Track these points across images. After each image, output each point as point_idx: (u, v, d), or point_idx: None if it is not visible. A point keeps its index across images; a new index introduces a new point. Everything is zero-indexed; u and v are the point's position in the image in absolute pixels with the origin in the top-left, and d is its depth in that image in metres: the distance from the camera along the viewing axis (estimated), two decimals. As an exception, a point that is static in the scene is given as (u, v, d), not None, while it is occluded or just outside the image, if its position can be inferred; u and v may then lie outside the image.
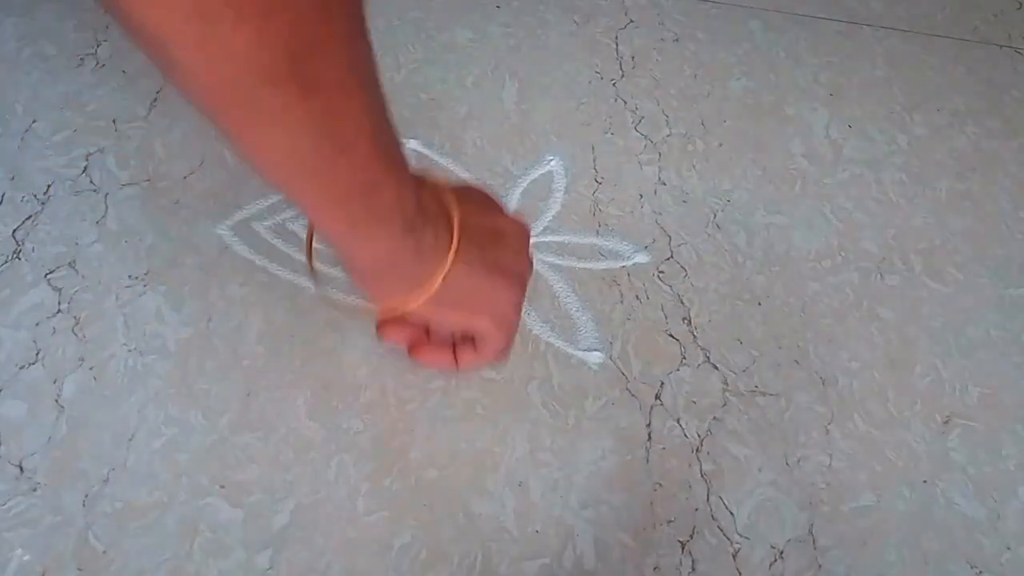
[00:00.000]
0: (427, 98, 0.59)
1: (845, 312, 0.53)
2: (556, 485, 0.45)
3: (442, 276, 0.35)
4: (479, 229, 0.37)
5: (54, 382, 0.45)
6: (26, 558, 0.41)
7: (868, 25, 0.69)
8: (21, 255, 0.49)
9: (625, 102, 0.61)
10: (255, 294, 0.49)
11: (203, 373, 0.47)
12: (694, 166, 0.58)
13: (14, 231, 0.50)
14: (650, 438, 0.47)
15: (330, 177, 0.28)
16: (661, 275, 0.53)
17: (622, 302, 0.52)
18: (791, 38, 0.67)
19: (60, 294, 0.48)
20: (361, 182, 0.30)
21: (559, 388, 0.48)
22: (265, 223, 0.52)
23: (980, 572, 0.45)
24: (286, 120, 0.25)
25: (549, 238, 0.54)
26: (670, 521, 0.45)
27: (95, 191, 0.52)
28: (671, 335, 0.51)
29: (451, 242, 0.35)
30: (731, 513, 0.45)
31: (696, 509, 0.45)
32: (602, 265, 0.53)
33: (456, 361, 0.43)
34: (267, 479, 0.44)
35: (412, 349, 0.44)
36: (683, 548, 0.44)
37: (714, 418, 0.48)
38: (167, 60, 0.23)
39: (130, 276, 0.49)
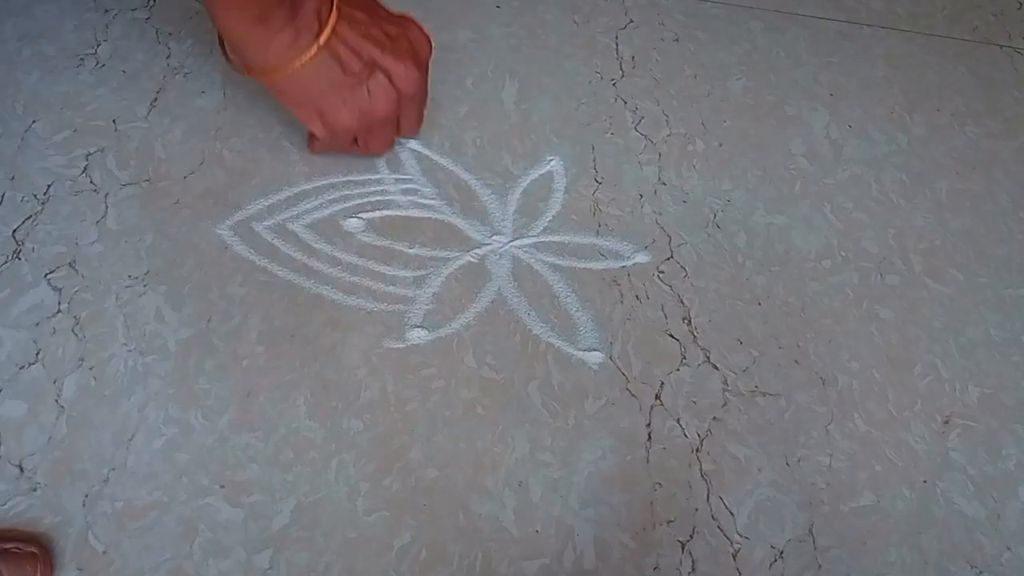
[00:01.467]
0: (427, 98, 0.59)
1: (845, 312, 0.53)
2: (556, 485, 0.45)
3: (295, 66, 0.41)
4: (354, 35, 0.43)
5: (54, 382, 0.45)
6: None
7: (868, 25, 0.69)
8: (21, 255, 0.49)
9: (625, 102, 0.61)
10: (255, 294, 0.49)
11: (203, 373, 0.47)
12: (694, 166, 0.58)
13: (14, 231, 0.50)
14: (650, 438, 0.47)
15: None
16: (661, 275, 0.53)
17: (622, 302, 0.52)
18: (791, 38, 0.67)
19: (60, 294, 0.48)
20: None
21: (559, 388, 0.48)
22: (265, 223, 0.52)
23: (980, 572, 0.45)
24: None
25: (549, 238, 0.54)
26: (670, 521, 0.45)
27: (95, 191, 0.52)
28: (671, 335, 0.51)
29: (317, 37, 0.41)
30: (731, 513, 0.45)
31: (696, 509, 0.45)
32: (602, 265, 0.53)
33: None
34: (267, 479, 0.44)
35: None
36: (683, 548, 0.44)
37: (714, 418, 0.48)
38: None
39: (130, 276, 0.49)
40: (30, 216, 0.51)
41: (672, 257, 0.54)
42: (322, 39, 0.42)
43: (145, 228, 0.51)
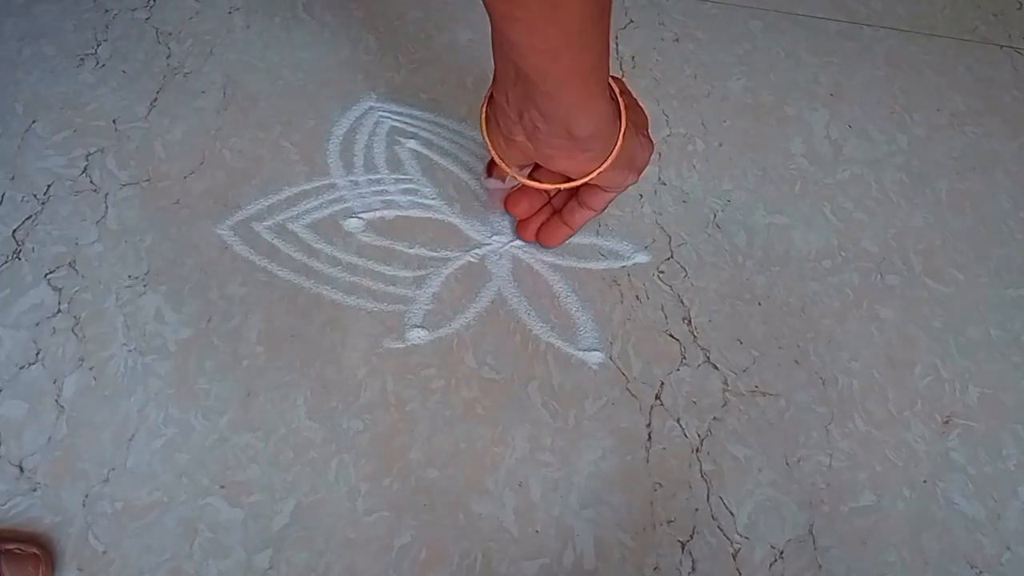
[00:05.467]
0: (427, 98, 0.59)
1: (845, 312, 0.53)
2: (556, 485, 0.45)
3: (620, 139, 0.42)
4: (626, 98, 0.44)
5: (54, 382, 0.46)
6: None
7: (868, 25, 0.69)
8: (21, 255, 0.50)
9: (625, 102, 0.61)
10: (255, 294, 0.49)
11: (203, 373, 0.47)
12: (694, 166, 0.58)
13: (14, 231, 0.50)
14: (650, 438, 0.47)
15: (583, 53, 0.35)
16: (661, 275, 0.53)
17: (622, 302, 0.52)
18: (791, 38, 0.67)
19: (60, 294, 0.48)
20: (599, 56, 0.37)
21: (559, 388, 0.48)
22: (265, 223, 0.52)
23: (980, 572, 0.45)
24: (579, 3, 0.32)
25: (549, 238, 0.54)
26: (670, 521, 0.45)
27: (95, 191, 0.52)
28: (671, 335, 0.51)
29: (620, 110, 0.42)
30: (731, 513, 0.45)
31: (696, 509, 0.45)
32: (602, 265, 0.53)
33: (571, 227, 0.50)
34: (267, 479, 0.44)
35: (540, 228, 0.51)
36: (683, 548, 0.44)
37: (714, 418, 0.48)
38: None
39: (130, 276, 0.49)
40: (30, 216, 0.51)
41: (672, 257, 0.54)
42: (619, 99, 0.43)
43: (145, 228, 0.51)
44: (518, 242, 0.53)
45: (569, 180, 0.45)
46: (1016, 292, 0.55)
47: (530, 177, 0.47)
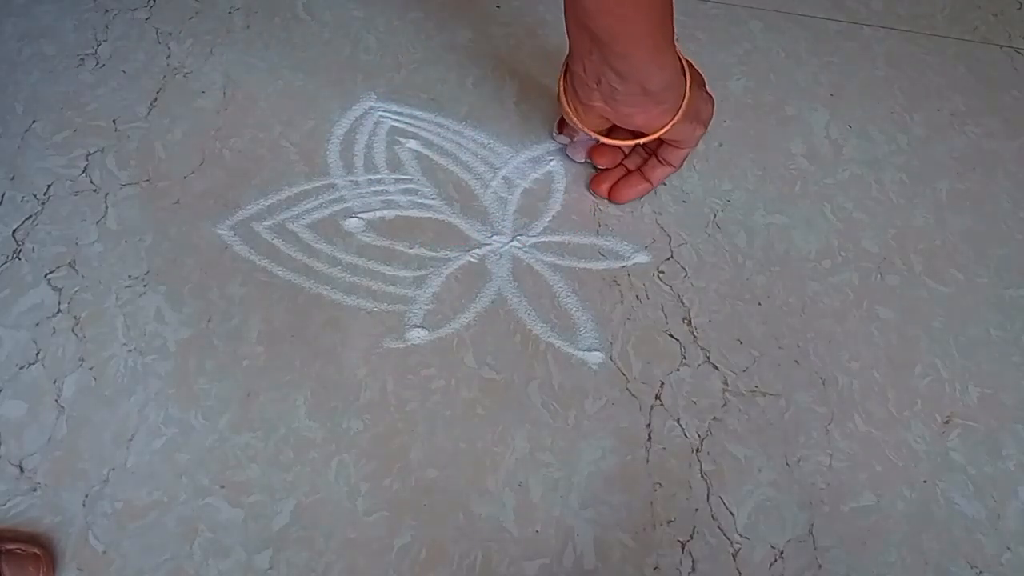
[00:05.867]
0: (427, 98, 0.59)
1: (845, 312, 0.53)
2: (556, 485, 0.45)
3: (688, 91, 0.46)
4: (687, 60, 0.47)
5: (54, 382, 0.46)
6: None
7: (868, 25, 0.69)
8: (21, 255, 0.50)
9: (625, 102, 0.61)
10: (255, 294, 0.49)
11: (203, 373, 0.47)
12: (694, 166, 0.58)
13: (14, 231, 0.50)
14: (650, 438, 0.47)
15: (651, 10, 0.40)
16: (661, 275, 0.53)
17: (622, 302, 0.52)
18: (791, 38, 0.67)
19: (60, 294, 0.48)
20: (665, 12, 0.41)
21: (559, 388, 0.48)
22: (265, 223, 0.52)
23: (980, 572, 0.45)
24: None
25: (549, 238, 0.54)
26: (670, 521, 0.45)
27: (95, 191, 0.52)
28: (671, 335, 0.51)
29: (684, 67, 0.46)
30: (731, 513, 0.45)
31: (696, 509, 0.45)
32: (602, 265, 0.53)
33: (651, 182, 0.54)
34: (267, 479, 0.44)
35: (616, 184, 0.54)
36: (683, 548, 0.44)
37: (714, 418, 0.48)
38: None
39: (130, 276, 0.49)
40: (30, 216, 0.51)
41: (672, 257, 0.54)
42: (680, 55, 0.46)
43: (145, 228, 0.51)
44: (518, 242, 0.53)
45: (642, 137, 0.49)
46: (1016, 292, 0.55)
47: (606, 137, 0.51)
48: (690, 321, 0.51)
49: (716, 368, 0.50)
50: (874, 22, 0.69)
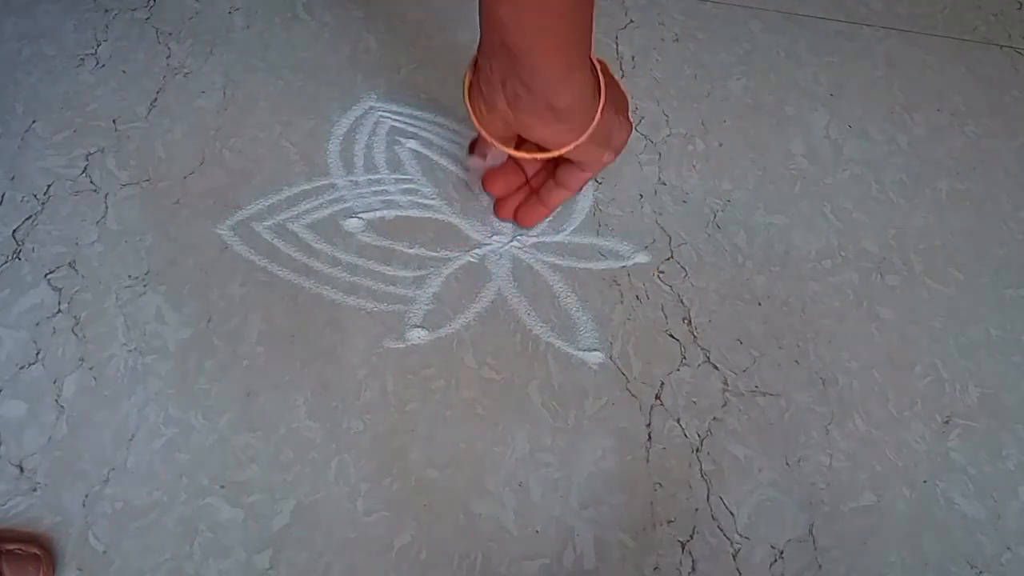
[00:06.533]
0: (427, 98, 0.59)
1: (845, 312, 0.53)
2: (556, 485, 0.45)
3: (599, 115, 0.43)
4: (607, 77, 0.44)
5: (54, 382, 0.46)
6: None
7: (868, 25, 0.69)
8: (21, 255, 0.50)
9: (625, 102, 0.61)
10: (255, 294, 0.49)
11: (203, 373, 0.47)
12: (694, 166, 0.58)
13: (14, 231, 0.50)
14: (650, 438, 0.47)
15: (567, 28, 0.37)
16: (661, 275, 0.53)
17: (622, 302, 0.52)
18: (791, 38, 0.67)
19: (60, 294, 0.48)
20: (582, 32, 0.39)
21: (559, 388, 0.48)
22: (265, 223, 0.52)
23: (980, 572, 0.45)
24: None
25: (549, 238, 0.54)
26: (670, 521, 0.45)
27: (95, 191, 0.52)
28: (671, 335, 0.51)
29: (601, 87, 0.43)
30: (731, 513, 0.45)
31: (696, 509, 0.45)
32: (602, 265, 0.53)
33: (547, 206, 0.51)
34: (267, 479, 0.44)
35: (518, 207, 0.52)
36: (683, 548, 0.44)
37: (714, 418, 0.48)
38: None
39: (130, 276, 0.49)
40: (30, 216, 0.51)
41: (672, 257, 0.54)
42: (600, 77, 0.43)
43: (145, 228, 0.51)
44: (518, 242, 0.53)
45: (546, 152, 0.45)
46: (1016, 292, 0.55)
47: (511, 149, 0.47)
48: (690, 321, 0.51)
49: (716, 368, 0.50)
50: (874, 22, 0.69)
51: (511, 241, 0.53)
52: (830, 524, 0.46)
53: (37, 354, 0.46)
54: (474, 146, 0.52)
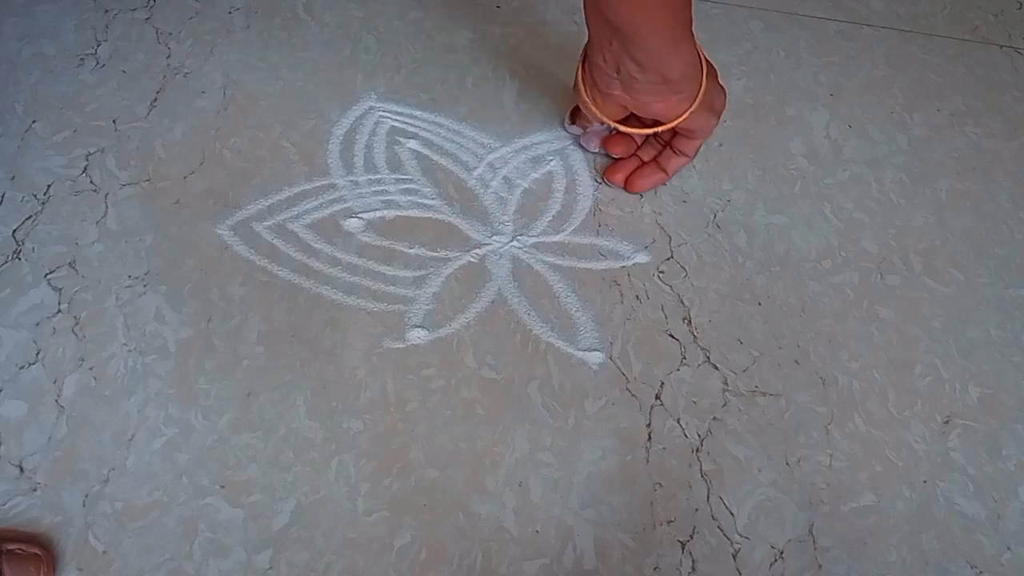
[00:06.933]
0: (427, 98, 0.59)
1: (845, 312, 0.53)
2: (556, 485, 0.45)
3: (704, 80, 0.47)
4: (702, 50, 0.47)
5: (54, 382, 0.46)
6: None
7: (868, 25, 0.69)
8: (21, 255, 0.50)
9: (625, 102, 0.61)
10: (255, 294, 0.49)
11: (203, 373, 0.47)
12: (694, 166, 0.58)
13: (14, 231, 0.50)
14: (650, 438, 0.47)
15: (671, 1, 0.41)
16: (661, 275, 0.53)
17: (622, 302, 0.52)
18: (791, 38, 0.67)
19: (60, 294, 0.48)
20: (684, 4, 0.42)
21: (559, 388, 0.48)
22: (265, 223, 0.52)
23: (980, 572, 0.45)
24: None
25: (549, 238, 0.54)
26: (670, 521, 0.45)
27: (95, 191, 0.52)
28: (671, 335, 0.51)
29: (701, 57, 0.47)
30: (731, 513, 0.45)
31: (696, 509, 0.45)
32: (602, 265, 0.53)
33: (667, 171, 0.55)
34: (267, 479, 0.44)
35: (633, 173, 0.55)
36: (683, 548, 0.44)
37: (714, 418, 0.48)
38: None
39: (130, 276, 0.49)
40: (30, 216, 0.51)
41: (672, 257, 0.54)
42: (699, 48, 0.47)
43: (145, 228, 0.51)
44: (518, 242, 0.53)
45: (659, 126, 0.50)
46: (1016, 292, 0.55)
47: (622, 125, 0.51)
48: (690, 321, 0.51)
49: (716, 368, 0.50)
50: (874, 22, 0.69)
51: (511, 241, 0.53)
52: (830, 524, 0.46)
53: (37, 354, 0.46)
54: (575, 116, 0.56)
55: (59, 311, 0.48)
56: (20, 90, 0.56)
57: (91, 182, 0.53)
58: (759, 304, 0.53)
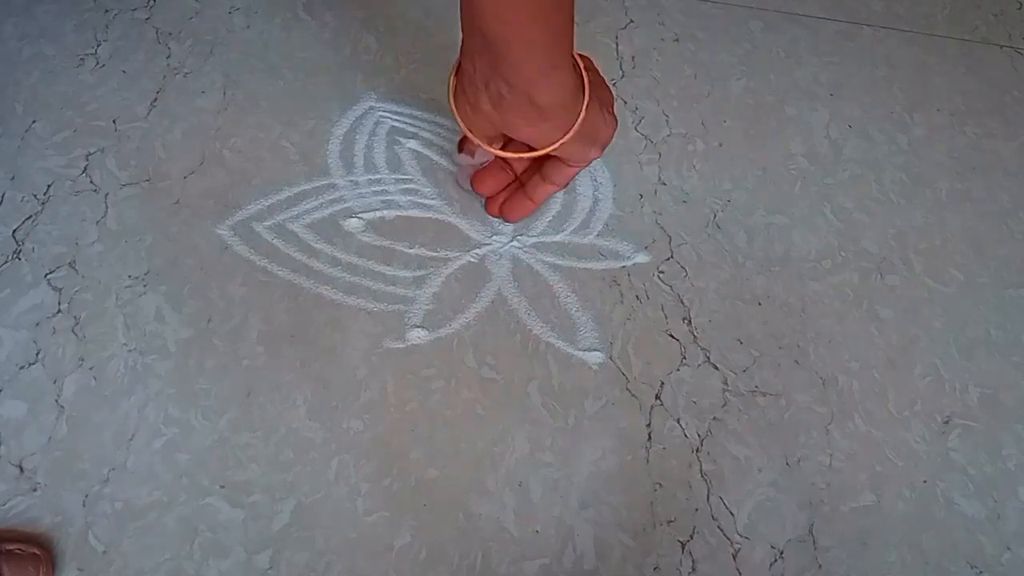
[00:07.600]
0: (427, 98, 0.59)
1: (845, 312, 0.53)
2: (556, 485, 0.45)
3: (583, 112, 0.43)
4: (592, 74, 0.44)
5: (54, 382, 0.46)
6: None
7: (868, 25, 0.69)
8: (21, 255, 0.50)
9: (625, 102, 0.61)
10: (255, 294, 0.49)
11: (203, 373, 0.47)
12: (694, 166, 0.58)
13: (14, 231, 0.50)
14: (650, 438, 0.47)
15: (547, 24, 0.37)
16: (661, 275, 0.53)
17: (622, 302, 0.52)
18: (791, 38, 0.67)
19: (60, 294, 0.48)
20: (563, 30, 0.39)
21: (559, 388, 0.48)
22: (265, 223, 0.52)
23: (980, 572, 0.45)
24: None
25: (549, 238, 0.54)
26: (670, 521, 0.45)
27: (95, 191, 0.52)
28: (671, 335, 0.51)
29: (584, 84, 0.43)
30: (731, 513, 0.45)
31: (696, 509, 0.45)
32: (602, 265, 0.53)
33: (534, 201, 0.51)
34: (267, 479, 0.44)
35: (504, 202, 0.52)
36: (683, 548, 0.44)
37: (714, 418, 0.48)
38: None
39: (130, 276, 0.49)
40: (30, 216, 0.51)
41: (672, 257, 0.54)
42: (584, 74, 0.43)
43: (145, 228, 0.51)
44: (518, 242, 0.53)
45: (533, 151, 0.45)
46: (1016, 292, 0.55)
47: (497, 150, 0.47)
48: (690, 321, 0.51)
49: (716, 368, 0.50)
50: (874, 22, 0.69)
51: (511, 241, 0.53)
52: (830, 524, 0.46)
53: (37, 354, 0.46)
54: (462, 145, 0.51)
55: (59, 311, 0.48)
56: (20, 90, 0.56)
57: (91, 182, 0.53)
58: (759, 304, 0.53)
